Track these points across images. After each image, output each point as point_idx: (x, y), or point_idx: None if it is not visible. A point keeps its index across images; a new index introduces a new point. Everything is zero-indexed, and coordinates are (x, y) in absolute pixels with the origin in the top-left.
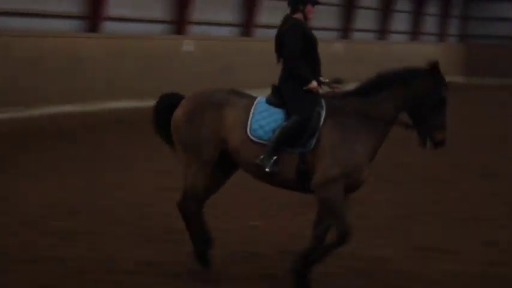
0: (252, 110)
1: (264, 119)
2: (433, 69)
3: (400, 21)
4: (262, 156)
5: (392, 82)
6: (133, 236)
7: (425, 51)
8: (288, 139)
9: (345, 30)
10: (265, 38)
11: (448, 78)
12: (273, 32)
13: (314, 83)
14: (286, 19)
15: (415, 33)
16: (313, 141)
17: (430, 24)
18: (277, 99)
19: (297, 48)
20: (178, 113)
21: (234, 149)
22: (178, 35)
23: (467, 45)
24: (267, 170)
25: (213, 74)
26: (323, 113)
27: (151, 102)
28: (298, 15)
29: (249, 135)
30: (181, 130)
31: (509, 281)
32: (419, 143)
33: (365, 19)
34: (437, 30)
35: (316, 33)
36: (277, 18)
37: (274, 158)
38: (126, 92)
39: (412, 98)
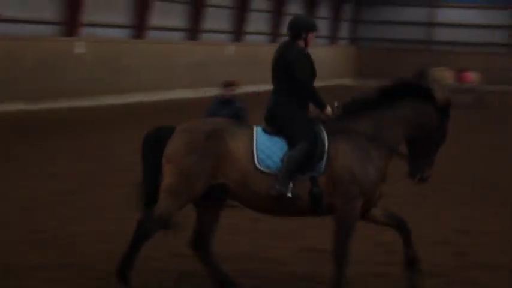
0: (254, 141)
1: (269, 148)
2: (446, 106)
3: None
4: (277, 186)
5: (405, 106)
6: (22, 240)
7: (317, 53)
8: (299, 166)
9: (237, 33)
10: (158, 40)
11: (339, 81)
12: (166, 34)
13: (329, 109)
14: (289, 46)
15: None
16: (323, 165)
17: (321, 27)
18: (273, 127)
19: (308, 75)
20: (177, 143)
21: (238, 182)
22: (70, 37)
23: (358, 48)
24: (289, 195)
25: (104, 76)
26: (325, 136)
27: (42, 105)
28: (300, 43)
29: (258, 166)
30: (180, 161)
31: (397, 280)
32: (410, 175)
33: (257, 22)
34: (329, 33)
35: (208, 36)
36: (169, 20)
37: (291, 184)
38: (17, 94)
39: (418, 130)
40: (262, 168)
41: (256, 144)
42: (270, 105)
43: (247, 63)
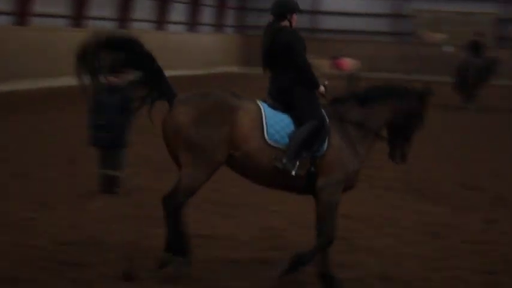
0: (263, 115)
1: (277, 123)
2: (427, 93)
3: (178, 12)
4: (284, 161)
5: (389, 97)
6: None
7: (203, 41)
8: (307, 144)
9: (123, 20)
10: (42, 27)
11: (225, 69)
12: (49, 21)
13: (322, 88)
14: (277, 28)
15: (192, 23)
16: (325, 146)
17: (207, 15)
18: (280, 104)
19: (305, 55)
20: (185, 114)
21: (247, 154)
22: None
23: (244, 35)
24: (293, 173)
25: None
26: (326, 117)
27: None
28: (285, 23)
29: (267, 140)
30: (189, 132)
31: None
32: (392, 156)
33: (143, 9)
34: (214, 21)
35: (94, 23)
36: (53, 7)
37: (297, 163)
38: None
39: (403, 116)
40: (271, 142)
41: (266, 119)
42: (280, 85)
43: None
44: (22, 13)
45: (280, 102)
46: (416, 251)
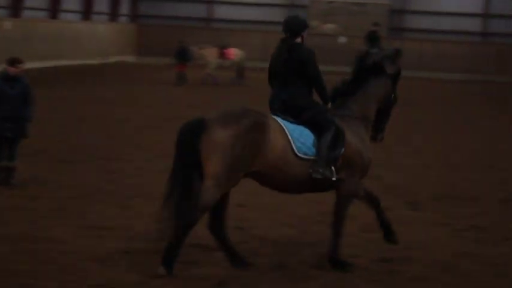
0: (286, 131)
1: (301, 136)
2: (397, 74)
3: (72, 0)
4: (321, 170)
5: (375, 85)
6: None
7: (98, 30)
8: (332, 149)
9: (15, 8)
10: None
11: (120, 58)
12: None
13: (329, 105)
14: (294, 45)
15: (87, 12)
16: (344, 146)
17: (101, 4)
18: (291, 116)
19: (319, 70)
20: (224, 134)
21: (277, 169)
22: None
23: (138, 25)
24: (333, 179)
25: None
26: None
27: None
28: (298, 40)
29: (297, 153)
30: (228, 151)
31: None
32: (374, 137)
33: None
34: (109, 10)
35: None
36: None
37: (333, 168)
38: None
39: (387, 99)
40: (300, 155)
41: (289, 133)
42: (285, 97)
43: (25, 39)
44: None
45: (289, 115)
46: (312, 240)
